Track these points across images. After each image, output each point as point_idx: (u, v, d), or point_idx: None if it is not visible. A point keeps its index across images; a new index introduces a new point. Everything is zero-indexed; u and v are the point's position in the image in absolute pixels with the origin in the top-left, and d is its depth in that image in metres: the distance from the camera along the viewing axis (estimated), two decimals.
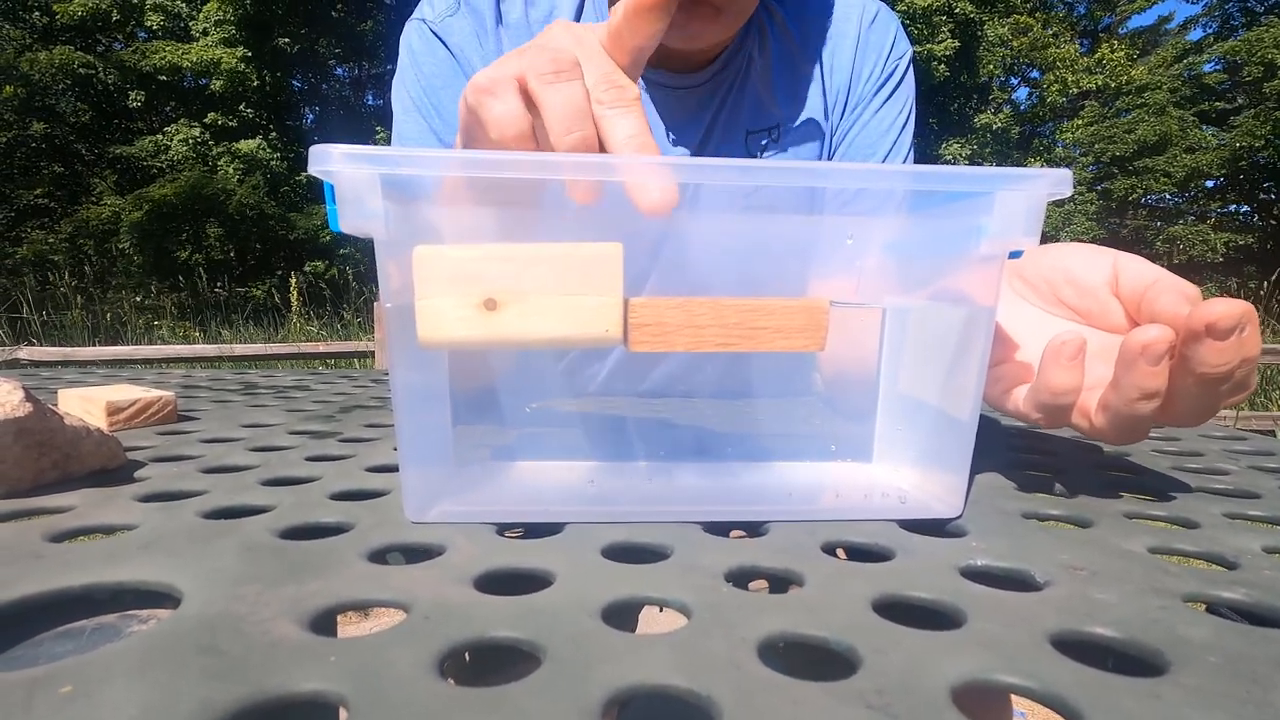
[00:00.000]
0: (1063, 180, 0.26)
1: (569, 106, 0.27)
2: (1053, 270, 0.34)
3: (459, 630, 0.18)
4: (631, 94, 0.27)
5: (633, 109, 0.27)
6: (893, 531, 0.27)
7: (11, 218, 8.38)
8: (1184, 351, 0.26)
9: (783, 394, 0.35)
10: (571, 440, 0.35)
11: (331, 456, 0.38)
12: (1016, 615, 0.20)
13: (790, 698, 0.16)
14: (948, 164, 1.80)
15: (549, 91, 0.27)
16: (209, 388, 0.71)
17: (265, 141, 8.88)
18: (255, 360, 3.44)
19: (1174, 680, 0.17)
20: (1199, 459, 0.42)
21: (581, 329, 0.24)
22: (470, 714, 0.15)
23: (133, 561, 0.22)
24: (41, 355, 3.11)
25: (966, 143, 9.98)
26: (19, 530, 0.25)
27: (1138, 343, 0.26)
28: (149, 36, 9.10)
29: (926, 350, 0.32)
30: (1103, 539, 0.27)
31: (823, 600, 0.21)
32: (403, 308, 0.25)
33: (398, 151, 0.24)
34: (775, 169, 0.25)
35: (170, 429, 0.46)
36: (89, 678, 0.16)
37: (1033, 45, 10.75)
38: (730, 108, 0.58)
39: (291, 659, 0.17)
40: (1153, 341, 0.26)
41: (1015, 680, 0.17)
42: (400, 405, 0.27)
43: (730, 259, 0.32)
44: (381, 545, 0.25)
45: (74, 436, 0.31)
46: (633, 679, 0.16)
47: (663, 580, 0.22)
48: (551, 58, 0.27)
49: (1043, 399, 0.29)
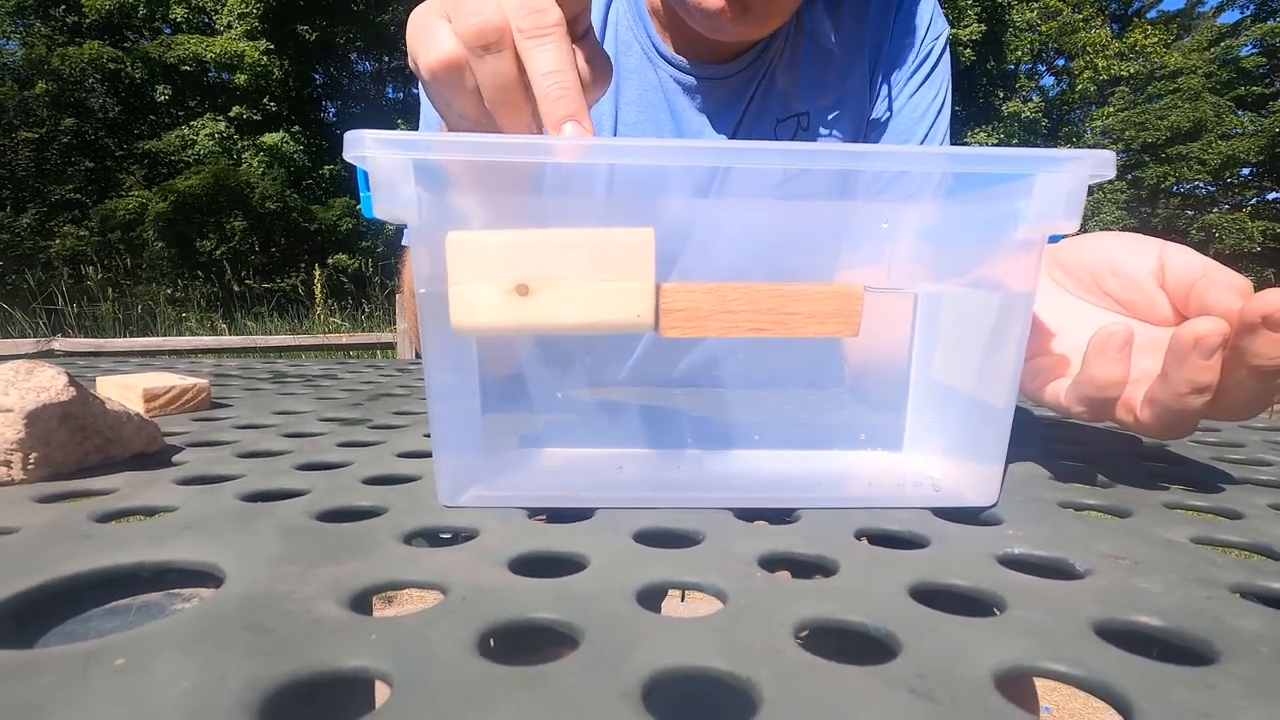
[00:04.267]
0: (1105, 162, 0.25)
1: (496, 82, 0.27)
2: (1095, 260, 0.33)
3: (496, 611, 0.18)
4: (551, 17, 0.26)
5: (550, 37, 0.26)
6: (927, 520, 0.27)
7: (44, 212, 8.59)
8: (1238, 343, 0.25)
9: (811, 384, 0.34)
10: (600, 427, 0.35)
11: (362, 443, 0.39)
12: (1057, 603, 0.20)
13: (831, 681, 0.15)
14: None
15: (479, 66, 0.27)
16: (240, 376, 0.72)
17: (288, 135, 8.99)
18: (281, 351, 3.49)
19: (1225, 670, 0.16)
20: (1240, 450, 0.41)
21: (613, 314, 0.24)
22: (511, 693, 0.15)
23: (176, 541, 0.23)
24: (75, 346, 3.19)
25: (994, 131, 9.79)
26: (66, 511, 0.26)
27: (1191, 335, 0.25)
28: (173, 30, 9.24)
29: (962, 337, 0.31)
30: (1143, 529, 0.26)
31: (859, 587, 0.21)
32: (436, 294, 0.25)
33: (430, 137, 0.24)
34: (809, 152, 0.25)
35: (204, 415, 0.47)
36: (141, 652, 0.16)
37: (1062, 30, 10.50)
38: (761, 95, 0.58)
39: (334, 637, 0.17)
40: (1206, 334, 0.25)
41: (1061, 668, 0.16)
42: (434, 391, 0.27)
43: (760, 245, 0.32)
44: (416, 528, 0.25)
45: (115, 421, 0.32)
46: (671, 661, 0.16)
47: (696, 565, 0.22)
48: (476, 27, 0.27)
49: (1087, 392, 0.28)
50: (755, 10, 0.48)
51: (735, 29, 0.50)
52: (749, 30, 0.51)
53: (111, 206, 8.25)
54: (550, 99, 0.26)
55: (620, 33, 0.57)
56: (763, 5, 0.48)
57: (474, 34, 0.27)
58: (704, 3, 0.48)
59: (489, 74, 0.27)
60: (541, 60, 0.26)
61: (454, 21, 0.28)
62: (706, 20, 0.50)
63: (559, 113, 0.26)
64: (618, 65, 0.57)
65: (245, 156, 8.77)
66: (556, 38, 0.26)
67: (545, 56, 0.26)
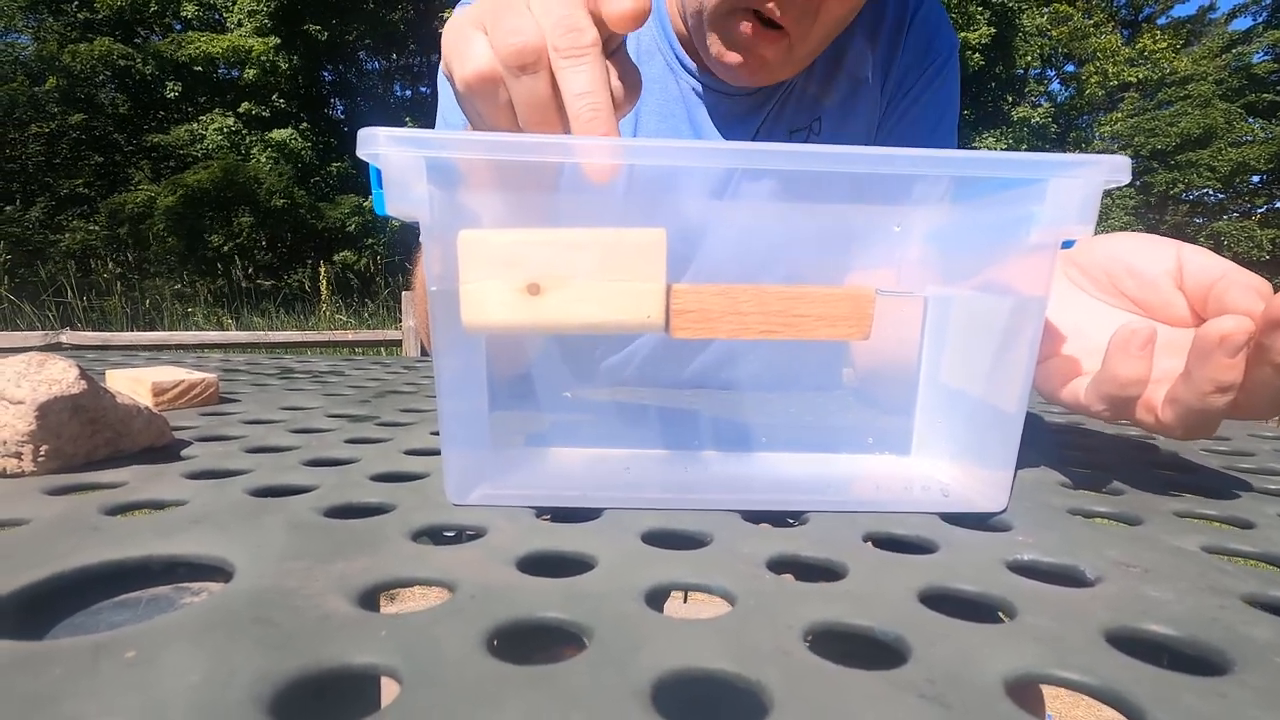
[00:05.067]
0: (1120, 167, 0.25)
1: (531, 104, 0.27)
2: (1111, 260, 0.33)
3: (505, 610, 0.18)
4: (588, 38, 0.27)
5: (585, 58, 0.26)
6: (935, 524, 0.27)
7: (53, 206, 8.64)
8: (1262, 341, 0.25)
9: (820, 386, 0.34)
10: (607, 427, 0.35)
11: (370, 439, 0.39)
12: (1068, 610, 0.19)
13: (840, 685, 0.15)
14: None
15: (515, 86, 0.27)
16: (247, 371, 0.73)
17: (296, 131, 9.03)
18: (288, 347, 3.50)
19: (1238, 680, 0.16)
20: (1251, 458, 0.41)
21: (624, 314, 0.24)
22: (519, 692, 0.15)
23: (185, 535, 0.23)
24: (82, 340, 3.21)
25: (1003, 136, 9.76)
26: (76, 504, 0.26)
27: (1215, 333, 0.25)
28: (184, 27, 9.29)
29: (972, 340, 0.31)
30: (1154, 536, 0.26)
31: (868, 591, 0.20)
32: (447, 292, 0.25)
33: (443, 135, 0.24)
34: (820, 154, 0.25)
35: (213, 410, 0.47)
36: (151, 644, 0.16)
37: (1072, 35, 10.46)
38: (777, 109, 0.58)
39: (343, 632, 0.17)
40: (1231, 333, 0.25)
41: (1071, 675, 0.16)
42: (444, 389, 0.27)
43: (770, 247, 0.31)
44: (424, 526, 0.25)
45: (125, 415, 0.32)
46: (680, 663, 0.16)
47: (704, 566, 0.22)
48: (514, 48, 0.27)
49: (1108, 390, 0.28)
50: (772, 65, 0.49)
51: (753, 79, 0.51)
52: (767, 80, 0.52)
53: (120, 200, 8.30)
54: (582, 120, 0.26)
55: (643, 41, 0.58)
56: (780, 60, 0.49)
57: (512, 54, 0.27)
58: (724, 57, 0.50)
59: (524, 93, 0.27)
60: (576, 81, 0.26)
61: (491, 35, 0.28)
62: (727, 73, 0.51)
63: (591, 134, 0.26)
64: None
65: (254, 152, 8.81)
66: (591, 58, 0.26)
67: (580, 78, 0.26)
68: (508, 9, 0.27)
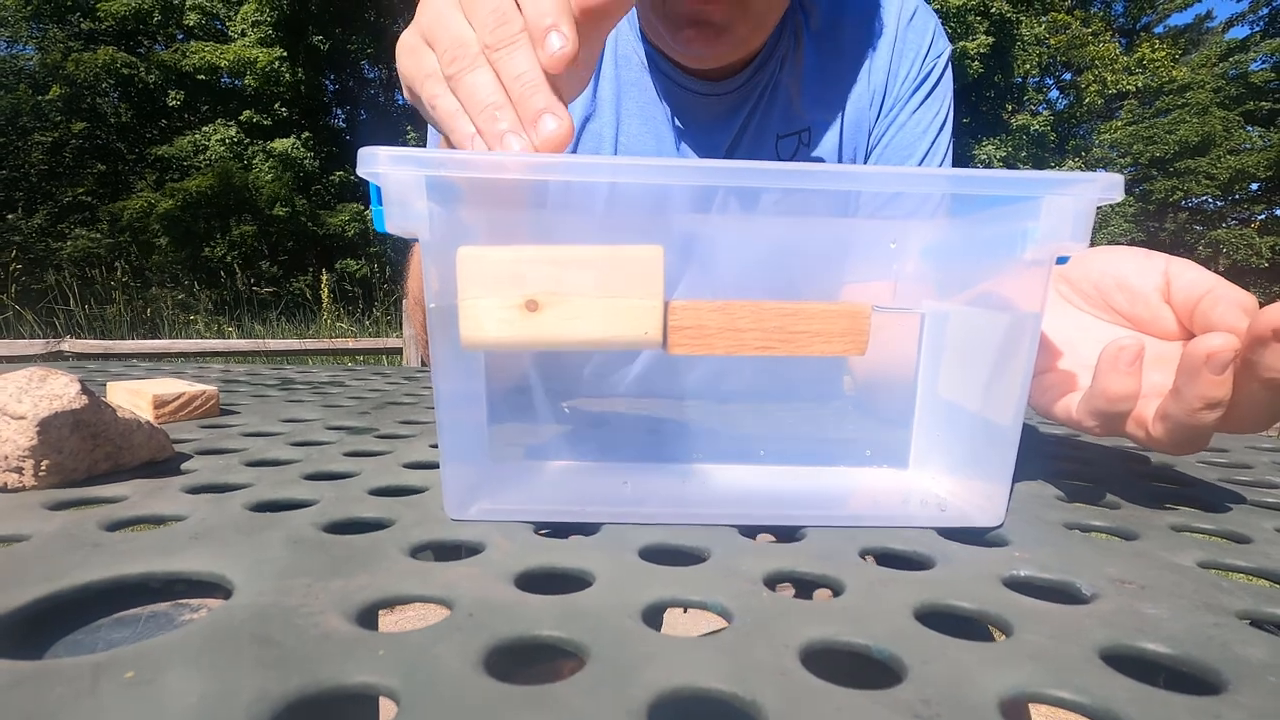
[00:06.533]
0: (1113, 185, 0.25)
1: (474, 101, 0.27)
2: (1102, 275, 0.33)
3: (504, 628, 0.19)
4: (516, 25, 0.27)
5: (517, 43, 0.27)
6: (932, 540, 0.27)
7: (55, 214, 8.67)
8: (1249, 357, 0.25)
9: (815, 398, 0.34)
10: (605, 441, 0.35)
11: (369, 452, 0.39)
12: (1064, 628, 0.20)
13: (837, 705, 0.15)
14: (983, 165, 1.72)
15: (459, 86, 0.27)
16: (248, 382, 0.73)
17: (298, 140, 9.07)
18: (289, 355, 3.51)
19: (1233, 700, 0.16)
20: (1248, 471, 0.41)
21: (621, 331, 0.25)
22: (518, 712, 0.15)
23: (185, 552, 0.23)
24: (83, 348, 3.21)
25: (1003, 143, 9.80)
26: (77, 518, 0.26)
27: (1202, 351, 0.25)
28: (186, 37, 9.34)
29: (968, 355, 0.31)
30: (1150, 552, 0.26)
31: (864, 608, 0.21)
32: (446, 308, 0.25)
33: (443, 154, 0.24)
34: (810, 172, 0.25)
35: (213, 422, 0.47)
36: (150, 664, 0.16)
37: (1070, 44, 10.52)
38: (762, 112, 0.58)
39: (342, 651, 0.17)
40: (1218, 350, 0.25)
41: (1066, 695, 0.16)
42: (443, 405, 0.27)
43: (763, 262, 0.32)
44: (423, 541, 0.25)
45: (126, 429, 0.32)
46: (677, 681, 0.16)
47: (702, 583, 0.22)
48: (451, 54, 0.27)
49: (1098, 405, 0.28)
50: (728, 29, 0.50)
51: (714, 49, 0.51)
52: (731, 49, 0.52)
53: (119, 206, 8.32)
54: (524, 98, 0.26)
55: (620, 46, 0.58)
56: (732, 18, 0.49)
57: (449, 60, 0.27)
58: (677, 35, 0.51)
59: (468, 92, 0.27)
60: (511, 66, 0.27)
61: (435, 48, 0.28)
62: (688, 52, 0.52)
63: (533, 108, 0.26)
64: (618, 79, 0.58)
65: (255, 162, 8.84)
66: (523, 42, 0.27)
67: (513, 62, 0.27)
68: (439, 19, 0.28)
